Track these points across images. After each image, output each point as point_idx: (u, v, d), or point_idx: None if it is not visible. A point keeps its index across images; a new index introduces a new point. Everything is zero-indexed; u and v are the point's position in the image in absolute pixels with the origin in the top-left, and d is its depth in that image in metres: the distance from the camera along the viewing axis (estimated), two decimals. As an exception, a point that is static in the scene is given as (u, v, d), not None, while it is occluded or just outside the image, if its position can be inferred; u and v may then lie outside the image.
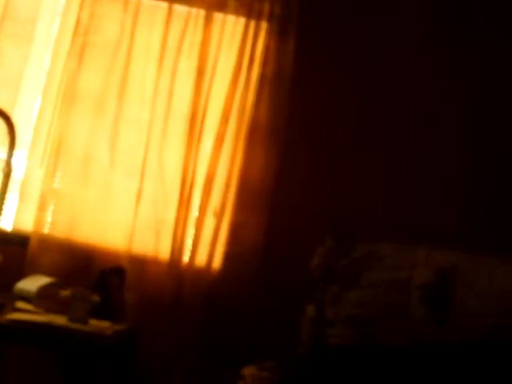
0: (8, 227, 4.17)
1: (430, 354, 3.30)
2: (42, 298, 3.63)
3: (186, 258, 4.09)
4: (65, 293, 3.61)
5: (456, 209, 4.07)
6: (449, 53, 4.17)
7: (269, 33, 4.16)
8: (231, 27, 4.19)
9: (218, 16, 4.20)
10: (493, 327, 3.37)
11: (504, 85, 4.13)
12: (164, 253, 4.10)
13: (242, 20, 4.18)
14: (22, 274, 3.86)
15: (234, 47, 4.17)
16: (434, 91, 4.15)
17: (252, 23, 4.16)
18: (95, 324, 3.49)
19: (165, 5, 4.22)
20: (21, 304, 3.58)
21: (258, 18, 4.16)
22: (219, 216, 4.08)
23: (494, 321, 3.39)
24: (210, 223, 4.09)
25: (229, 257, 4.09)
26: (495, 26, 4.16)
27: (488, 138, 4.13)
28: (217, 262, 4.10)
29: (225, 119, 4.13)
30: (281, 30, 4.15)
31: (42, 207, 4.14)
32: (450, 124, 4.14)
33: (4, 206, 3.85)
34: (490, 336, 3.35)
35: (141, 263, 4.09)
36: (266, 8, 4.16)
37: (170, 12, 4.20)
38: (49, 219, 4.16)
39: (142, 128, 4.18)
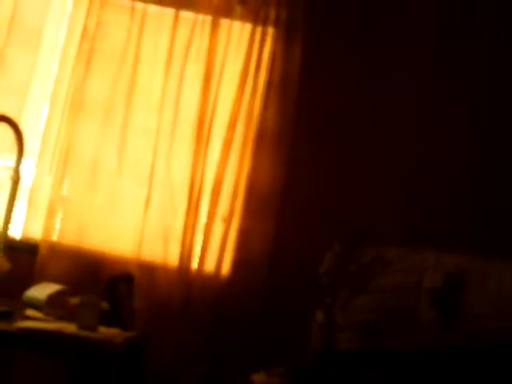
0: (17, 235, 4.17)
1: (440, 358, 3.29)
2: (52, 305, 3.63)
3: (194, 265, 4.10)
4: (74, 300, 3.61)
5: (464, 212, 4.07)
6: (455, 54, 4.16)
7: (275, 38, 4.16)
8: (238, 33, 4.19)
9: (224, 22, 4.20)
10: (502, 331, 3.36)
11: (509, 86, 4.12)
12: (173, 259, 4.10)
13: (248, 26, 4.18)
14: (31, 282, 3.87)
15: (240, 53, 4.17)
16: (440, 94, 4.15)
17: (258, 29, 4.16)
18: (104, 331, 3.48)
19: (171, 11, 4.22)
20: (30, 312, 3.59)
21: (265, 23, 4.16)
22: (227, 222, 4.08)
23: (504, 325, 3.38)
24: (218, 229, 4.09)
25: (237, 263, 4.09)
26: (500, 27, 4.15)
27: (495, 140, 4.12)
28: (225, 269, 4.09)
29: (232, 125, 4.13)
30: (287, 35, 4.14)
31: (50, 215, 4.14)
32: (457, 126, 4.13)
33: (13, 214, 3.87)
34: (499, 340, 3.34)
35: (149, 270, 4.10)
36: (273, 14, 4.16)
37: (176, 18, 4.20)
38: (57, 227, 4.16)
39: (149, 134, 4.18)
